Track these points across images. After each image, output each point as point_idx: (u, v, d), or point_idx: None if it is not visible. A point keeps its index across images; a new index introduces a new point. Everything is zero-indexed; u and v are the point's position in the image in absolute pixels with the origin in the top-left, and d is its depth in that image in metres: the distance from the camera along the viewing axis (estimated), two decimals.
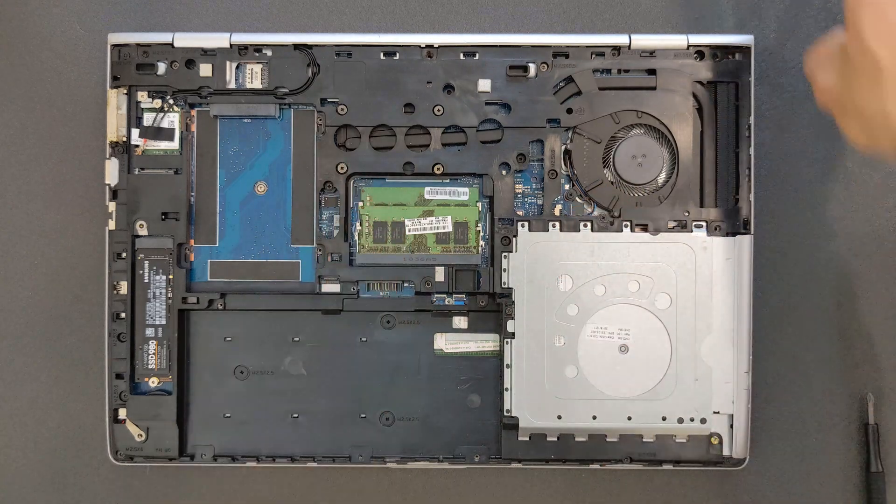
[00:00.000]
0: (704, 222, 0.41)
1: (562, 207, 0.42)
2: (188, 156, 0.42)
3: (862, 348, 0.44)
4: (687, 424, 0.41)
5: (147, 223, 0.42)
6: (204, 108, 0.42)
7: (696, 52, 0.42)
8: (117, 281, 0.42)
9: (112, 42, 0.42)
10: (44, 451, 0.44)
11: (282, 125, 0.42)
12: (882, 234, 0.44)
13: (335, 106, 0.42)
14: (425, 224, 0.42)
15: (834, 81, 0.33)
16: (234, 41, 0.41)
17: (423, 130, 0.42)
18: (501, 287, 0.41)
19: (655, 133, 0.42)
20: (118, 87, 0.42)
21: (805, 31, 0.45)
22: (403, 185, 0.42)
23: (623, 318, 0.41)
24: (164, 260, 0.41)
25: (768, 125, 0.44)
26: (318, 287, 0.42)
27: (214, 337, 0.42)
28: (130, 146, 0.42)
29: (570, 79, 0.42)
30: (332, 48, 0.42)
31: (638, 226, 0.41)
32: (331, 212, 0.42)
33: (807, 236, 0.44)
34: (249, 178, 0.42)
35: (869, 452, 0.43)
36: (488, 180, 0.42)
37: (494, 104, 0.42)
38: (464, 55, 0.42)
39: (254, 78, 0.42)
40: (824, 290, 0.44)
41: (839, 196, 0.44)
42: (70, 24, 0.44)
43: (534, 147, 0.42)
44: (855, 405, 0.44)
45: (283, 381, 0.42)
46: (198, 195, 0.42)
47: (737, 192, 0.42)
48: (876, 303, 0.44)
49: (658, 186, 0.42)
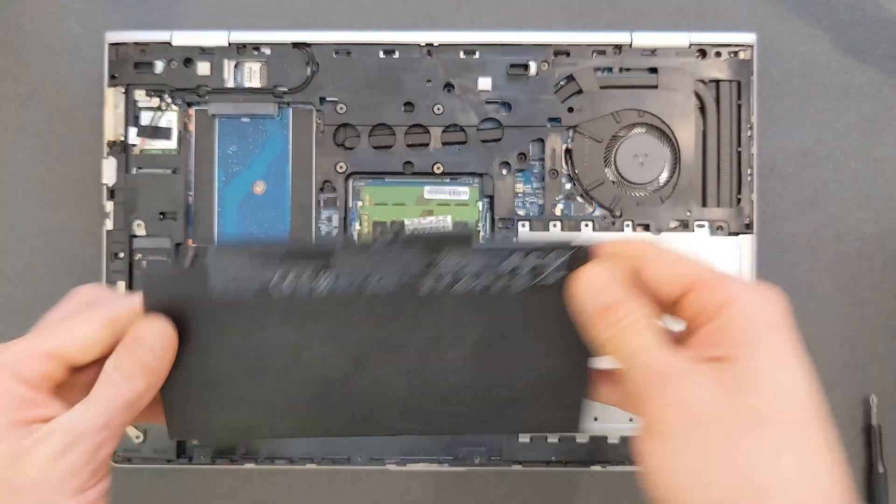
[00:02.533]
0: (706, 222, 0.41)
1: (563, 207, 0.42)
2: (186, 155, 0.42)
3: (865, 350, 0.44)
4: None
5: (145, 223, 0.41)
6: (202, 107, 0.42)
7: (698, 50, 0.41)
8: (115, 281, 0.41)
9: (110, 40, 0.41)
10: None
11: (280, 124, 0.42)
12: (886, 234, 0.44)
13: (334, 105, 0.42)
14: (425, 224, 0.42)
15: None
16: (232, 40, 0.41)
17: (423, 129, 0.42)
18: None
19: (657, 132, 0.42)
20: (116, 85, 0.41)
21: (808, 29, 0.44)
22: (403, 184, 0.42)
23: None
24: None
25: (771, 124, 0.44)
26: None
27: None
28: (128, 145, 0.42)
29: (571, 77, 0.41)
30: (331, 46, 0.41)
31: (639, 225, 0.41)
32: (330, 211, 0.42)
33: (810, 236, 0.44)
34: (248, 178, 0.42)
35: (872, 454, 0.43)
36: (488, 180, 0.42)
37: (495, 103, 0.42)
38: (464, 53, 0.42)
39: (252, 77, 0.42)
40: (828, 290, 0.44)
41: (842, 196, 0.44)
42: (68, 23, 0.44)
43: (534, 146, 0.42)
44: (858, 407, 0.44)
45: None
46: (196, 195, 0.42)
47: (739, 192, 0.41)
48: (880, 304, 0.44)
49: (660, 186, 0.42)
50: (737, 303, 0.24)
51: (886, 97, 0.44)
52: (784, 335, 0.25)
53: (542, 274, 0.27)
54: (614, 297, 0.25)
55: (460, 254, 0.27)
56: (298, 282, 0.27)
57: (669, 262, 0.25)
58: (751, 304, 0.24)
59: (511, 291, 0.28)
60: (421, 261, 0.27)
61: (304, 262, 0.27)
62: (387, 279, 0.27)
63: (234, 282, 0.27)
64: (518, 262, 0.27)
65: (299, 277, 0.27)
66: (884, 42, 0.44)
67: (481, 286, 0.28)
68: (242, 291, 0.27)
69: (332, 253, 0.27)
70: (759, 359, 0.24)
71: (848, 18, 0.44)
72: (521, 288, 0.28)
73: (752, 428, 0.24)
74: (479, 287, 0.28)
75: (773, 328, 0.25)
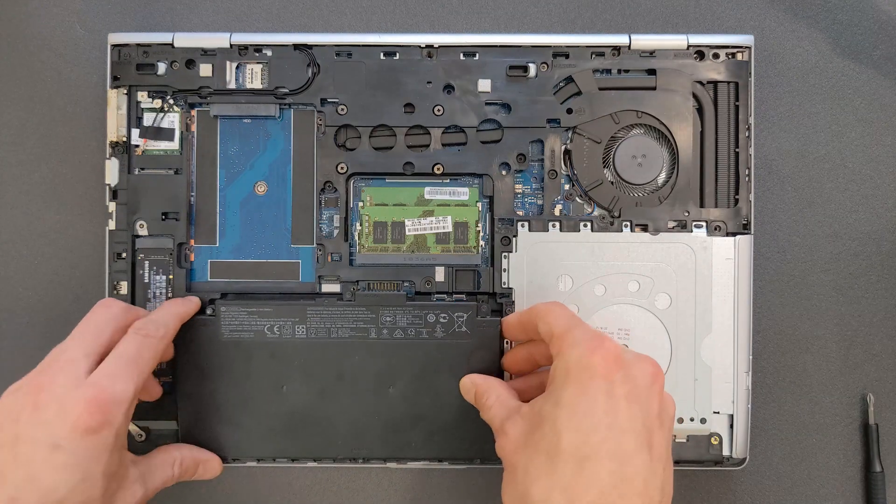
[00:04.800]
0: (704, 222, 0.41)
1: (562, 207, 0.42)
2: (188, 156, 0.42)
3: (862, 348, 0.44)
4: (687, 424, 0.41)
5: (147, 223, 0.42)
6: (204, 109, 0.42)
7: (696, 52, 0.42)
8: (117, 281, 0.42)
9: (112, 42, 0.42)
10: None
11: (282, 125, 0.42)
12: (882, 234, 0.44)
13: (335, 106, 0.42)
14: (425, 224, 0.42)
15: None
16: (234, 41, 0.41)
17: (423, 130, 0.42)
18: (501, 287, 0.41)
19: (655, 133, 0.42)
20: (118, 87, 0.42)
21: (805, 31, 0.45)
22: (403, 185, 0.42)
23: (623, 318, 0.41)
24: (164, 260, 0.42)
25: (768, 125, 0.44)
26: (318, 287, 0.42)
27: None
28: (130, 146, 0.42)
29: (570, 79, 0.42)
30: (332, 48, 0.42)
31: (638, 226, 0.41)
32: (331, 212, 0.42)
33: (807, 236, 0.44)
34: (249, 178, 0.42)
35: (870, 452, 0.43)
36: (488, 180, 0.42)
37: (494, 104, 0.42)
38: (464, 55, 0.42)
39: (254, 78, 0.42)
40: (825, 290, 0.44)
41: (839, 196, 0.44)
42: (70, 24, 0.44)
43: (534, 147, 0.42)
44: (855, 405, 0.44)
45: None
46: (198, 195, 0.42)
47: (737, 192, 0.42)
48: (876, 303, 0.44)
49: (658, 186, 0.42)
50: (559, 355, 0.33)
51: (883, 98, 0.44)
52: (579, 385, 0.31)
53: (454, 326, 0.40)
54: (480, 389, 0.37)
55: (393, 310, 0.40)
56: (282, 330, 0.40)
57: (546, 320, 0.35)
58: (565, 356, 0.32)
59: (435, 337, 0.40)
60: (367, 315, 0.40)
61: (285, 316, 0.40)
62: (344, 328, 0.40)
63: (238, 328, 0.41)
64: (435, 316, 0.40)
65: (283, 328, 0.40)
66: (881, 43, 0.45)
67: (413, 333, 0.40)
68: (243, 334, 0.40)
69: (304, 310, 0.40)
70: (551, 399, 0.32)
71: (845, 20, 0.45)
72: (441, 335, 0.40)
73: (530, 457, 0.31)
74: (411, 334, 0.40)
75: (572, 377, 0.31)
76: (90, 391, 0.33)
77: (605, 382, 0.31)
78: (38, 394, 0.32)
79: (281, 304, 0.40)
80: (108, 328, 0.36)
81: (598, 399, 0.31)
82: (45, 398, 0.32)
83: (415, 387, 0.41)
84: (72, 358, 0.34)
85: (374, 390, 0.41)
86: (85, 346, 0.35)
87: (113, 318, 0.36)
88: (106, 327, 0.36)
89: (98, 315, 0.36)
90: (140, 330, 0.36)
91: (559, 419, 0.31)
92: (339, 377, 0.41)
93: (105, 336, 0.35)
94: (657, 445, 0.31)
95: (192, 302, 0.40)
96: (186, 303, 0.40)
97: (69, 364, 0.34)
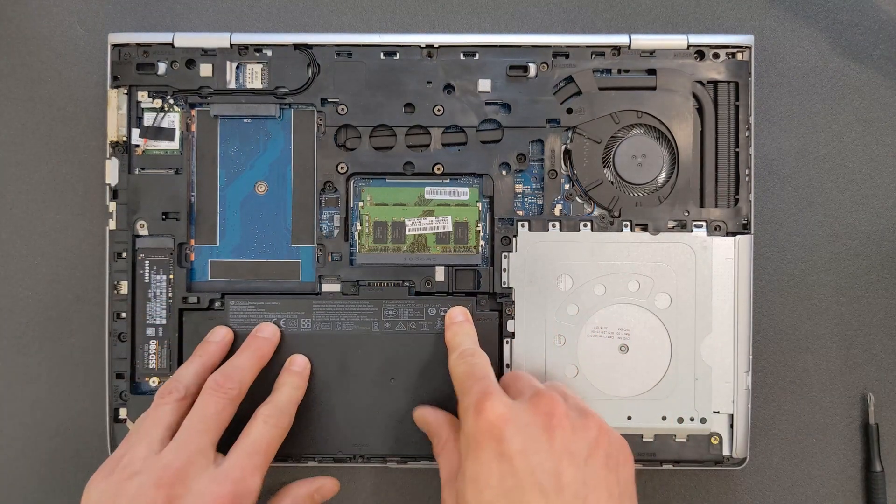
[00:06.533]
0: (704, 222, 0.41)
1: (562, 207, 0.42)
2: (188, 156, 0.42)
3: (862, 348, 0.44)
4: (687, 424, 0.41)
5: (147, 223, 0.42)
6: (204, 108, 0.42)
7: (696, 51, 0.42)
8: (118, 281, 0.42)
9: (112, 42, 0.42)
10: (44, 451, 0.44)
11: (282, 125, 0.42)
12: (882, 233, 0.44)
13: (335, 106, 0.42)
14: (425, 224, 0.42)
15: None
16: (234, 41, 0.41)
17: (424, 130, 0.42)
18: (501, 287, 0.41)
19: (655, 133, 0.42)
20: (118, 86, 0.42)
21: (805, 31, 0.45)
22: (403, 184, 0.42)
23: (623, 318, 0.41)
24: (164, 260, 0.42)
25: (768, 125, 0.44)
26: (319, 287, 0.42)
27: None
28: (131, 146, 0.42)
29: (570, 79, 0.42)
30: (332, 48, 0.42)
31: (638, 226, 0.41)
32: (331, 212, 0.42)
33: (807, 236, 0.44)
34: (250, 178, 0.42)
35: (870, 452, 0.43)
36: (488, 180, 0.42)
37: (494, 104, 0.42)
38: (464, 55, 0.42)
39: (254, 78, 0.42)
40: (825, 289, 0.44)
41: (840, 196, 0.44)
42: (70, 24, 0.45)
43: (534, 147, 0.42)
44: (855, 405, 0.44)
45: None
46: (198, 195, 0.42)
47: (737, 192, 0.42)
48: (876, 303, 0.44)
49: (658, 186, 0.42)
50: (465, 417, 0.33)
51: (883, 97, 0.44)
52: (473, 455, 0.32)
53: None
54: (430, 430, 0.38)
55: (395, 304, 0.41)
56: (288, 323, 0.41)
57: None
58: (462, 427, 0.33)
59: (436, 330, 0.41)
60: (370, 309, 0.41)
61: (291, 310, 0.41)
62: (348, 322, 0.41)
63: (246, 321, 0.41)
64: (436, 310, 0.41)
65: (289, 321, 0.41)
66: (881, 43, 0.45)
67: (414, 327, 0.41)
68: (251, 328, 0.41)
69: (310, 304, 0.41)
70: (461, 474, 0.32)
71: (845, 20, 0.45)
72: (441, 328, 0.41)
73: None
74: (412, 327, 0.41)
75: (468, 448, 0.32)
76: (227, 487, 0.33)
77: (493, 444, 0.31)
78: (172, 487, 0.32)
79: (287, 298, 0.41)
80: (224, 413, 0.36)
81: (491, 466, 0.30)
82: (180, 491, 0.33)
83: (416, 379, 0.41)
84: (201, 448, 0.34)
85: (376, 382, 0.41)
86: (210, 435, 0.35)
87: (230, 403, 0.37)
88: (224, 412, 0.36)
89: (213, 403, 0.36)
90: (269, 419, 0.37)
91: (466, 494, 0.31)
92: (343, 370, 0.41)
93: (223, 421, 0.36)
94: (569, 483, 0.30)
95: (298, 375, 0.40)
96: (298, 379, 0.40)
97: (200, 456, 0.34)
